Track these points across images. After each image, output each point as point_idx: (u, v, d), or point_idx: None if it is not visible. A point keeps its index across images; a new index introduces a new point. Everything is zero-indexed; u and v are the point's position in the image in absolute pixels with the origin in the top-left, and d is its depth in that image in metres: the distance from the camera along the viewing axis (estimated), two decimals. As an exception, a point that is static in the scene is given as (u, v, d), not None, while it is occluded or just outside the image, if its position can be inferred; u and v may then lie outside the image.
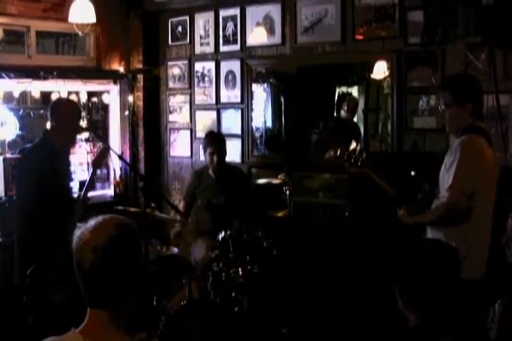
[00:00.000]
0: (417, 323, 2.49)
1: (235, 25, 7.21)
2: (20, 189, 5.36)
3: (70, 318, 2.25)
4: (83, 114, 7.57)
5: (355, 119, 6.69)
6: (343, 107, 6.67)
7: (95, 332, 2.18)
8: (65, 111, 5.27)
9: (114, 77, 7.93)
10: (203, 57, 7.61)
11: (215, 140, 6.16)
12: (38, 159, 5.07)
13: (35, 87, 7.02)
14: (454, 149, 3.84)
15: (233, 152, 6.94)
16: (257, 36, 6.97)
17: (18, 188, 5.47)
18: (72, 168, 5.75)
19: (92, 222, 2.23)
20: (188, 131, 7.87)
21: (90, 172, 5.60)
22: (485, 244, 3.84)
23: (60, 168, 5.17)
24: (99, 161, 5.65)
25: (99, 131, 7.94)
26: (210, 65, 7.53)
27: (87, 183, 5.44)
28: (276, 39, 6.83)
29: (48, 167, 4.98)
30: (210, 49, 7.51)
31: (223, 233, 5.27)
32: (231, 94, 7.34)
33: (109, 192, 8.01)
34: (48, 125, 5.37)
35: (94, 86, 7.80)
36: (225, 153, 6.17)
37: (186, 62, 7.79)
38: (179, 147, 7.99)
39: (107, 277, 2.16)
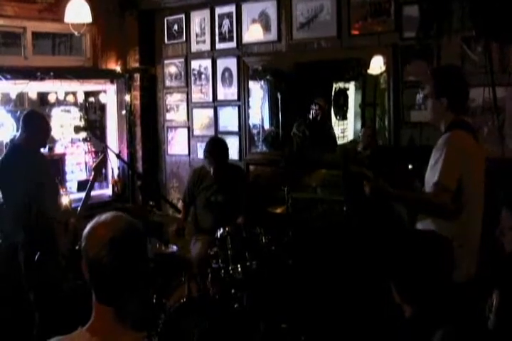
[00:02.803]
0: (412, 314, 2.49)
1: (231, 23, 7.20)
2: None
3: (77, 310, 2.24)
4: (80, 114, 7.67)
5: (351, 113, 6.72)
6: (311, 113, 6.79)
7: (103, 329, 2.18)
8: (37, 124, 5.62)
9: (110, 76, 7.93)
10: (200, 55, 7.61)
11: (215, 154, 6.08)
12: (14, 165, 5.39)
13: (32, 88, 7.00)
14: (438, 146, 3.79)
15: (231, 149, 6.86)
16: (253, 33, 6.96)
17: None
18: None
19: (101, 219, 2.23)
20: (186, 129, 7.86)
21: (91, 178, 5.66)
22: (476, 242, 3.82)
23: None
24: (99, 168, 5.77)
25: (96, 131, 7.94)
26: (207, 63, 7.53)
27: (87, 188, 5.55)
28: (272, 36, 6.82)
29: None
30: (206, 47, 7.51)
31: (221, 230, 5.27)
32: (228, 92, 7.34)
33: (108, 191, 8.03)
34: (19, 133, 5.68)
35: (91, 86, 7.81)
36: (225, 161, 6.17)
37: (183, 60, 7.79)
38: (177, 145, 7.99)
39: (119, 272, 2.16)
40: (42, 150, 5.98)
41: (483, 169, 3.89)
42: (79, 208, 5.50)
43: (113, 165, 7.48)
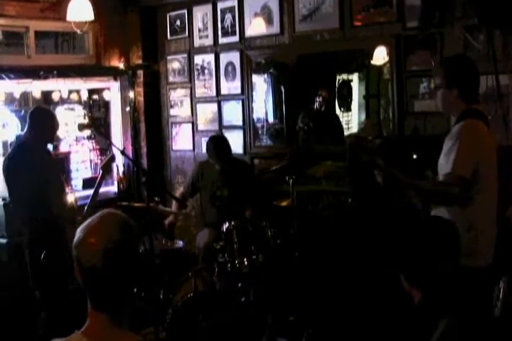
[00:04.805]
0: (422, 300, 2.48)
1: (233, 17, 7.18)
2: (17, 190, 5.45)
3: (83, 310, 2.21)
4: (84, 112, 7.67)
5: (355, 105, 6.73)
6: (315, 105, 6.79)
7: (99, 333, 2.14)
8: (43, 120, 5.54)
9: (114, 73, 7.93)
10: (203, 50, 7.59)
11: (216, 150, 6.15)
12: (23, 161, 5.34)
13: (36, 87, 6.99)
14: (452, 135, 3.75)
15: (235, 143, 6.95)
16: (256, 27, 6.95)
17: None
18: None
19: (92, 224, 2.17)
20: (190, 125, 7.86)
21: (99, 176, 5.64)
22: (492, 230, 3.80)
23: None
24: (108, 166, 5.74)
25: (101, 128, 7.94)
26: (210, 58, 7.51)
27: (95, 186, 5.54)
28: (275, 29, 6.80)
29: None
30: (209, 41, 7.50)
31: (227, 224, 5.27)
32: (231, 86, 7.32)
33: (113, 188, 8.01)
34: (25, 129, 5.61)
35: (95, 83, 7.80)
36: (228, 157, 6.20)
37: (186, 55, 7.77)
38: (181, 141, 7.98)
39: (114, 280, 2.12)
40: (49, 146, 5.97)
41: (496, 157, 3.86)
42: (86, 207, 5.49)
43: (118, 162, 7.48)
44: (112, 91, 8.03)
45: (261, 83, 7.19)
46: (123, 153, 5.64)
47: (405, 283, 2.54)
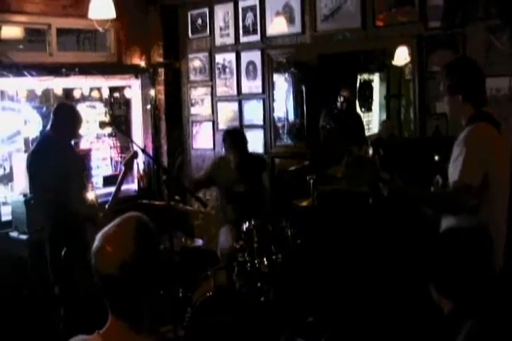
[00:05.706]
0: (452, 309, 2.46)
1: (255, 16, 7.19)
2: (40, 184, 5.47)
3: (102, 306, 2.22)
4: (105, 110, 7.70)
5: (376, 105, 6.71)
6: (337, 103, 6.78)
7: (117, 337, 2.14)
8: (67, 116, 5.58)
9: (135, 71, 7.96)
10: (224, 49, 7.61)
11: (233, 143, 6.17)
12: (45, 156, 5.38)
13: (58, 84, 7.04)
14: (460, 141, 3.64)
15: (256, 143, 6.99)
16: (277, 26, 6.94)
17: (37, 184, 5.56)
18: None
19: (110, 230, 2.16)
20: (210, 123, 7.89)
21: (121, 173, 5.64)
22: (503, 234, 3.73)
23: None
24: (130, 163, 5.74)
25: (121, 126, 7.96)
26: (231, 57, 7.53)
27: (118, 183, 5.56)
28: (296, 28, 6.79)
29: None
30: (230, 40, 7.51)
31: (247, 223, 5.27)
32: (252, 85, 7.33)
33: (133, 186, 8.06)
34: (49, 125, 5.62)
35: (116, 81, 7.84)
36: (245, 150, 6.22)
37: (207, 54, 7.79)
38: (202, 139, 8.01)
39: (132, 290, 2.11)
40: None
41: (508, 160, 3.79)
42: (108, 203, 5.51)
43: (138, 159, 7.50)
44: (133, 89, 8.07)
45: (282, 82, 7.17)
46: (143, 151, 5.64)
47: (435, 293, 2.52)
